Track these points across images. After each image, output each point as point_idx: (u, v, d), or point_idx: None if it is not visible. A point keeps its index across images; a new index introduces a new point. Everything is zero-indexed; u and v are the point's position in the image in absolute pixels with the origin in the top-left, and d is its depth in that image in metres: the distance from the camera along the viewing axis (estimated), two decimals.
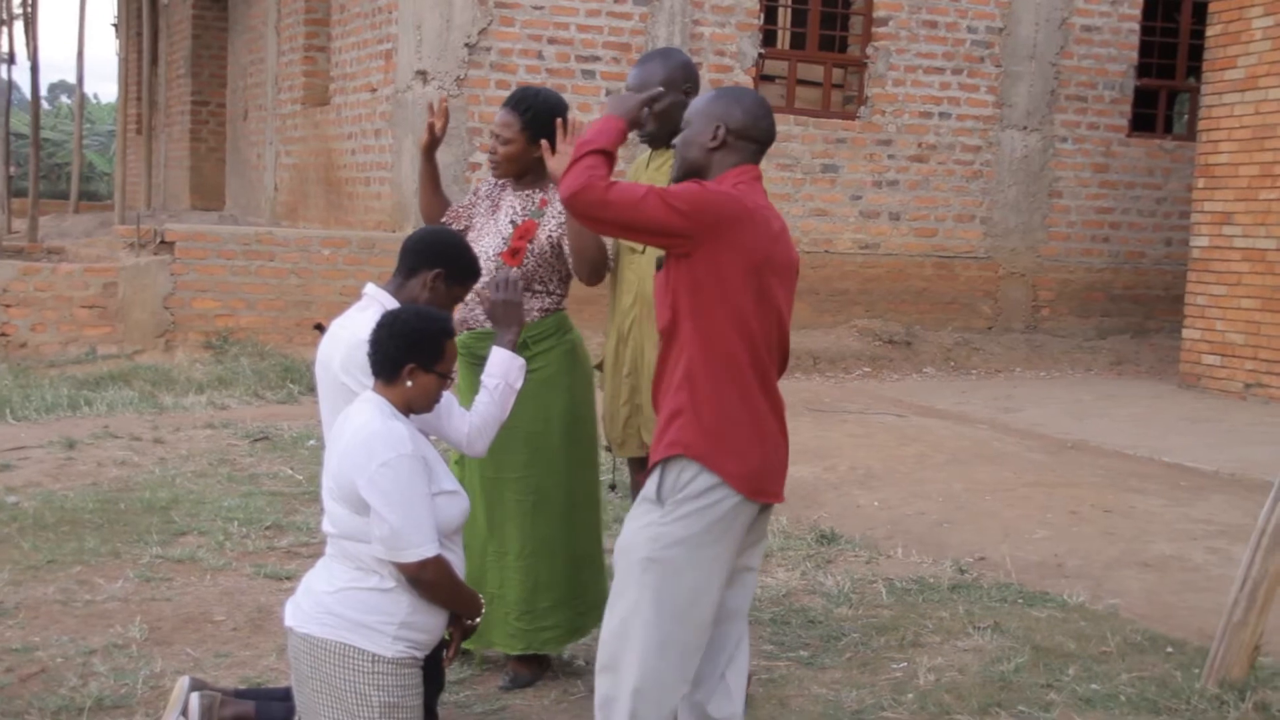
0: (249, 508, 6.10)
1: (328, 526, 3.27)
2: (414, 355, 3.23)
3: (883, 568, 5.63)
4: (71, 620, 4.64)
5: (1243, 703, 4.03)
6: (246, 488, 6.53)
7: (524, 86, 4.39)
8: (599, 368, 4.28)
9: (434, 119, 4.27)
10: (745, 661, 3.33)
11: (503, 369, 3.62)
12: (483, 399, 3.58)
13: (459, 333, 4.07)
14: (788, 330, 3.27)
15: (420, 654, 3.26)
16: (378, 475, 3.12)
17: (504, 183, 4.35)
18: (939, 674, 4.35)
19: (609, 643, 3.16)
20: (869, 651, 4.60)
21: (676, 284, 3.11)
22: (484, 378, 3.61)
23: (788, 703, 4.14)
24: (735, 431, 3.11)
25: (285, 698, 3.51)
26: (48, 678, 4.12)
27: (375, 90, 11.89)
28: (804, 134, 12.08)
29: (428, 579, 3.17)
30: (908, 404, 9.77)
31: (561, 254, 4.19)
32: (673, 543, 3.09)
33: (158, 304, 10.04)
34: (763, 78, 12.08)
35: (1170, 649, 4.62)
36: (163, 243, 10.18)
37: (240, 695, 3.60)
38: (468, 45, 10.97)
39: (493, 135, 4.25)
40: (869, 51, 12.31)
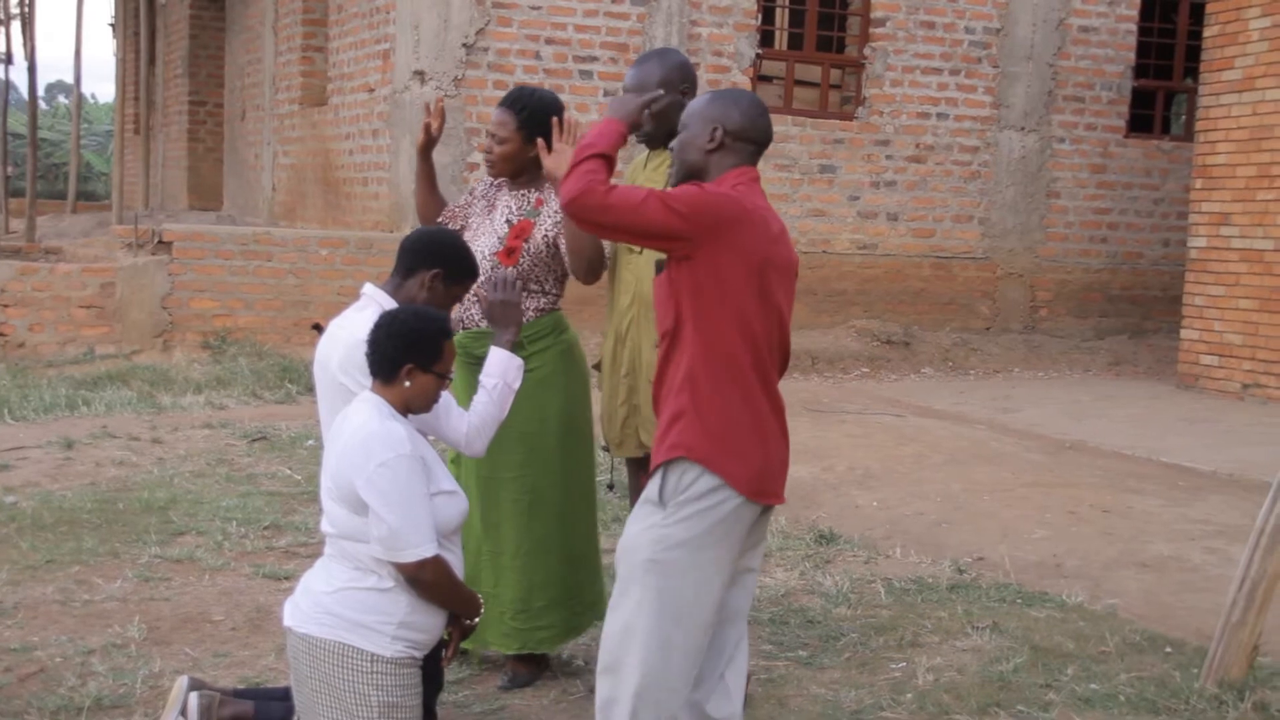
0: (247, 508, 6.10)
1: (326, 526, 3.27)
2: (412, 355, 3.23)
3: (881, 568, 5.63)
4: (70, 620, 4.63)
5: (1241, 703, 4.03)
6: (245, 488, 6.52)
7: (520, 86, 4.39)
8: (597, 368, 4.27)
9: (430, 119, 4.28)
10: (744, 662, 3.33)
11: (501, 369, 3.62)
12: (481, 399, 3.58)
13: (455, 332, 4.07)
14: (788, 331, 3.27)
15: (419, 654, 3.26)
16: (376, 475, 3.12)
17: (500, 182, 4.35)
18: (938, 674, 4.35)
19: (610, 644, 3.15)
20: (868, 651, 4.59)
21: (678, 286, 3.10)
22: (482, 378, 3.61)
23: (786, 703, 4.14)
24: (737, 433, 3.11)
25: (284, 697, 3.51)
26: (46, 677, 4.12)
27: (373, 90, 11.89)
28: (802, 134, 12.08)
29: (426, 579, 3.17)
30: (906, 404, 9.77)
31: (557, 253, 4.19)
32: (675, 544, 3.09)
33: (155, 304, 10.04)
34: (760, 78, 12.08)
35: (1169, 649, 4.62)
36: (160, 243, 10.17)
37: (239, 695, 3.60)
38: (465, 45, 10.97)
39: (488, 135, 4.26)
40: (867, 52, 12.31)
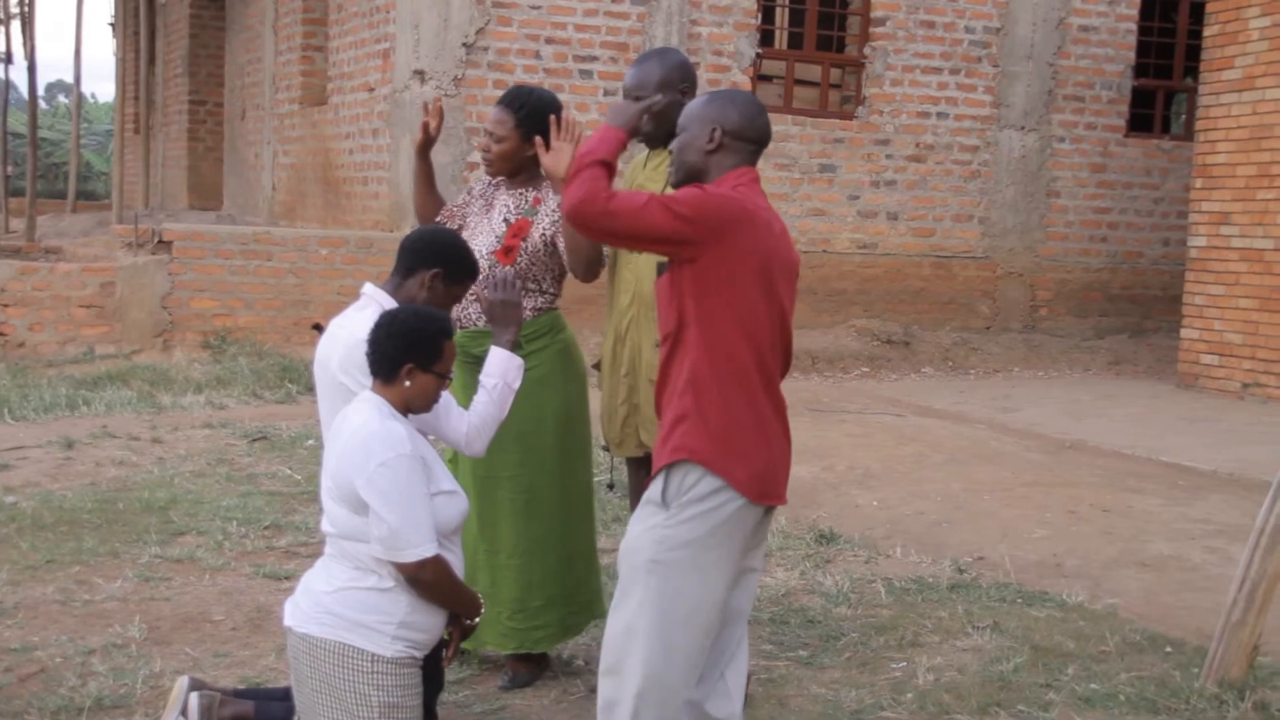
0: (247, 507, 6.10)
1: (326, 526, 3.27)
2: (412, 355, 3.23)
3: (881, 567, 5.63)
4: (70, 620, 4.63)
5: (1242, 702, 4.03)
6: (245, 487, 6.52)
7: (518, 85, 4.40)
8: (596, 367, 4.27)
9: (428, 118, 4.28)
10: (745, 661, 3.32)
11: (501, 369, 3.61)
12: (481, 399, 3.58)
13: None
14: (790, 331, 3.27)
15: (419, 654, 3.25)
16: (376, 475, 3.11)
17: (498, 181, 4.35)
18: (938, 674, 4.35)
19: (613, 645, 3.14)
20: (868, 651, 4.59)
21: (682, 288, 3.09)
22: (482, 377, 3.61)
23: (787, 702, 4.14)
24: (740, 435, 3.10)
25: (285, 697, 3.51)
26: (47, 677, 4.11)
27: (373, 90, 11.89)
28: (802, 134, 12.08)
29: (426, 579, 3.17)
30: (906, 404, 9.77)
31: (555, 252, 4.18)
32: (678, 545, 3.08)
33: (155, 304, 10.04)
34: (760, 78, 12.08)
35: (1169, 648, 4.62)
36: (160, 242, 10.17)
37: (239, 695, 3.60)
38: (465, 45, 10.97)
39: (486, 133, 4.26)
40: (867, 51, 12.31)
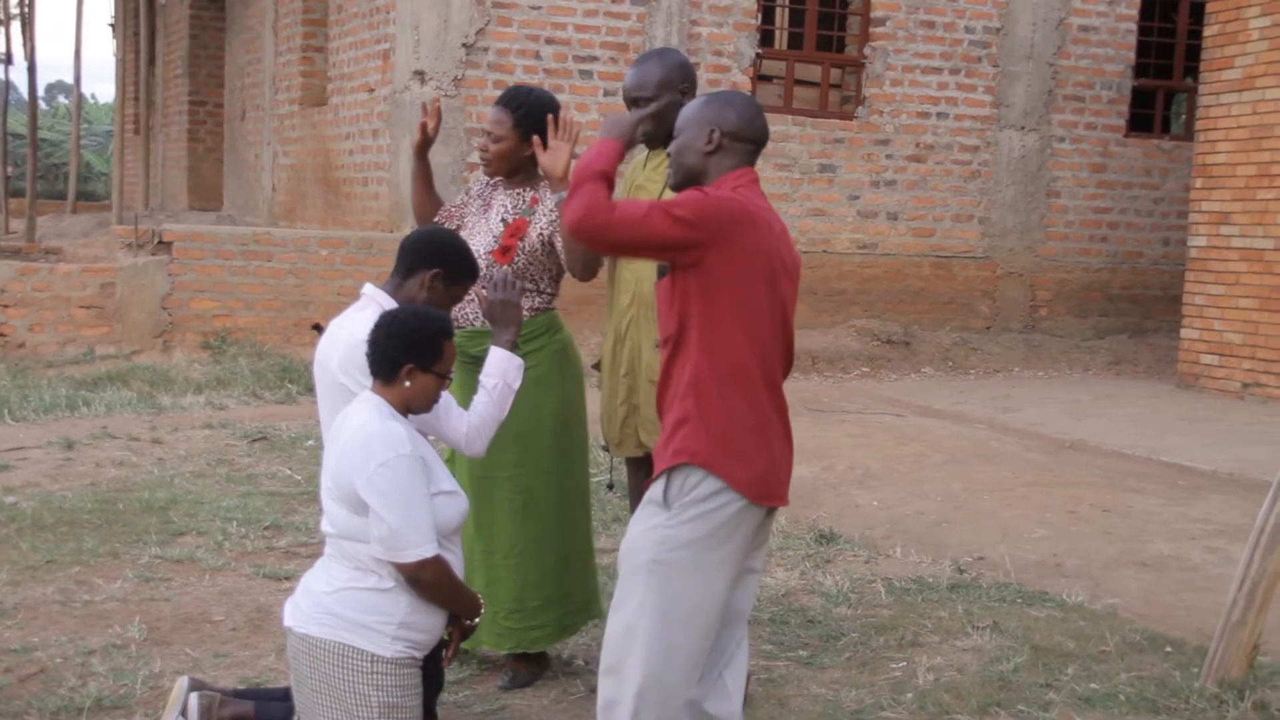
0: (247, 508, 6.10)
1: (326, 526, 3.27)
2: (412, 355, 3.23)
3: (881, 567, 5.63)
4: (70, 620, 4.63)
5: (1241, 702, 4.03)
6: (245, 488, 6.52)
7: (516, 85, 4.41)
8: (596, 367, 4.28)
9: (426, 119, 4.29)
10: (744, 662, 3.32)
11: (501, 369, 3.61)
12: (481, 399, 3.58)
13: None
14: (792, 332, 3.27)
15: (419, 654, 3.25)
16: (376, 476, 3.11)
17: (496, 181, 4.36)
18: (938, 673, 4.35)
19: (613, 645, 3.14)
20: (868, 651, 4.59)
21: (685, 291, 3.09)
22: (482, 378, 3.61)
23: (787, 702, 4.14)
24: (742, 437, 3.10)
25: (284, 698, 3.51)
26: (47, 678, 4.11)
27: (373, 90, 11.89)
28: (801, 134, 12.08)
29: (426, 579, 3.17)
30: (906, 404, 9.77)
31: (553, 252, 4.19)
32: (679, 545, 3.08)
33: (155, 304, 10.04)
34: (760, 78, 12.08)
35: (1169, 648, 4.62)
36: (160, 243, 10.17)
37: (239, 695, 3.60)
38: (465, 45, 10.97)
39: (484, 133, 4.27)
40: (867, 51, 12.31)
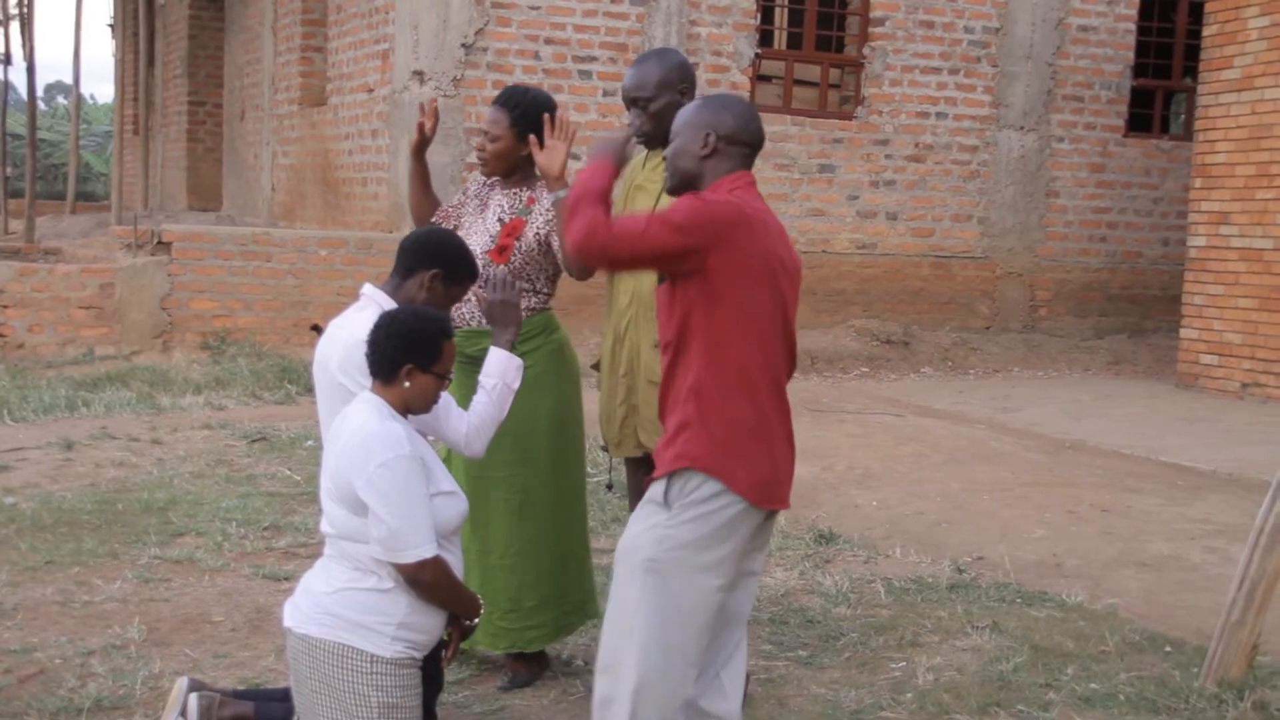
0: (247, 508, 6.10)
1: (326, 527, 3.27)
2: (412, 356, 3.23)
3: (881, 567, 5.63)
4: (70, 621, 4.63)
5: (1241, 702, 4.03)
6: (244, 488, 6.52)
7: (513, 85, 4.41)
8: (595, 367, 4.28)
9: (424, 119, 4.29)
10: (742, 663, 3.32)
11: (500, 369, 3.61)
12: (480, 399, 3.58)
13: None
14: (794, 333, 3.28)
15: (419, 654, 3.25)
16: (375, 476, 3.11)
17: (493, 181, 4.36)
18: (938, 673, 4.35)
19: (609, 643, 3.14)
20: (867, 651, 4.59)
21: (686, 296, 3.09)
22: (481, 378, 3.61)
23: (786, 702, 4.14)
24: (744, 440, 3.10)
25: (284, 698, 3.51)
26: (46, 679, 4.11)
27: (372, 91, 11.89)
28: (801, 134, 12.08)
29: (426, 580, 3.17)
30: (905, 404, 9.77)
31: (549, 252, 4.19)
32: (678, 545, 3.08)
33: (155, 305, 10.03)
34: (759, 78, 12.08)
35: (1169, 648, 4.62)
36: (160, 243, 10.17)
37: (239, 696, 3.60)
38: (464, 45, 10.97)
39: (482, 133, 4.27)
40: (866, 52, 12.31)
